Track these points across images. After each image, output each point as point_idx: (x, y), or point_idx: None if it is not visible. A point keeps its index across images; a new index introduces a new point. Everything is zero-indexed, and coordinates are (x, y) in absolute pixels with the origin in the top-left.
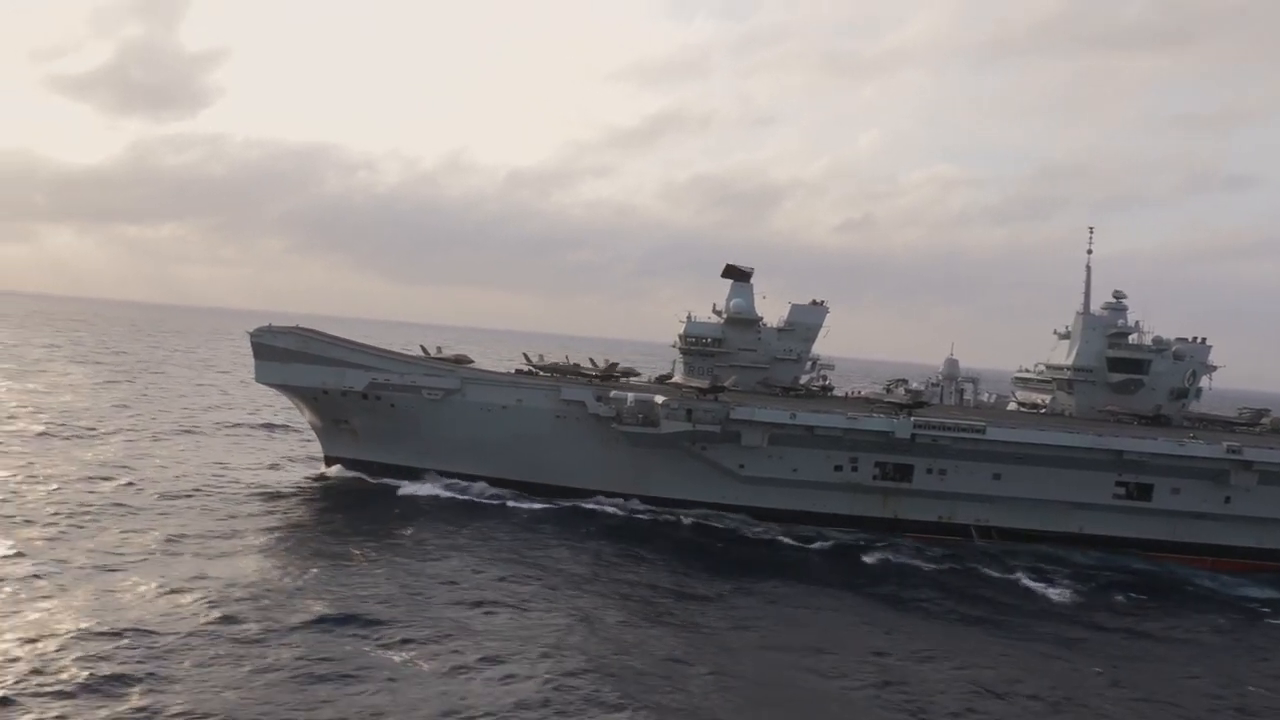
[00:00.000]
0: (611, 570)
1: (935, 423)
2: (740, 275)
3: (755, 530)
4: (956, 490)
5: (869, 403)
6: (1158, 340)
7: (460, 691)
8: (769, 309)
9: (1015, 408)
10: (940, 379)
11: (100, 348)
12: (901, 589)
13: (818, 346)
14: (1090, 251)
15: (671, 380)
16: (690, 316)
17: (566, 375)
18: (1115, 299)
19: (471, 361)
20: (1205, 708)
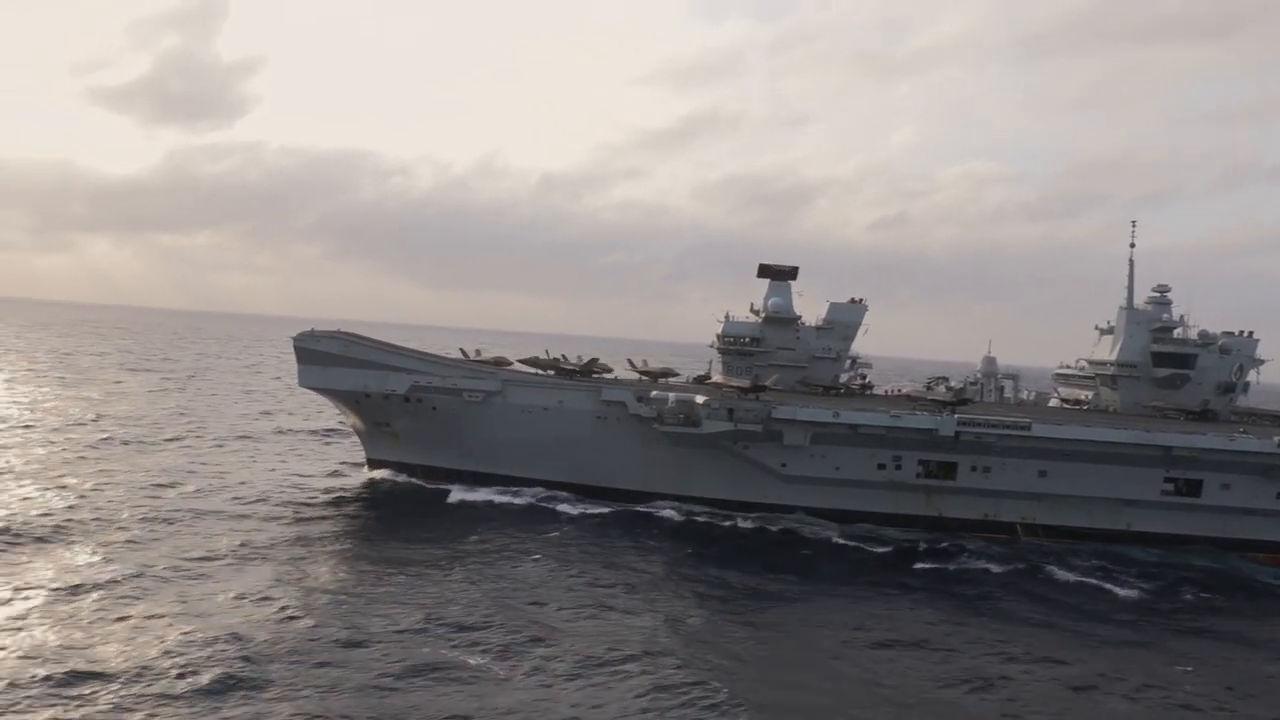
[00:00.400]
0: (684, 571)
1: (980, 420)
2: (782, 275)
3: (813, 529)
4: (1001, 488)
5: (911, 400)
6: (1204, 334)
7: (556, 696)
8: (805, 308)
9: (1057, 404)
10: (979, 376)
11: (147, 355)
12: (972, 589)
13: (856, 345)
14: (1133, 245)
15: (710, 380)
16: (729, 316)
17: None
18: (1159, 293)
19: (511, 364)
20: None
